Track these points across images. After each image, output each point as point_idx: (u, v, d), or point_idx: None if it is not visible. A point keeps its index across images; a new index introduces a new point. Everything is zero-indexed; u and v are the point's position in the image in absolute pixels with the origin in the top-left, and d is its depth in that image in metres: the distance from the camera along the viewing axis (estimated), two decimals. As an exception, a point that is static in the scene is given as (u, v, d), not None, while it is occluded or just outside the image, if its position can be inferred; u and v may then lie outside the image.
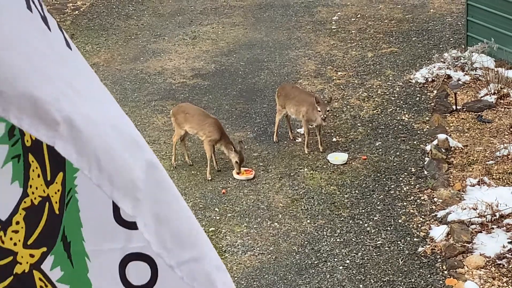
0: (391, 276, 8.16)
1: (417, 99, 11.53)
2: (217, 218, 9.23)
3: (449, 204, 9.01)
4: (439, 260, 8.32)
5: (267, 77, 12.45)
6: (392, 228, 8.88)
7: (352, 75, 12.35)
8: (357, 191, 9.55)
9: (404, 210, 9.16)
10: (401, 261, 8.36)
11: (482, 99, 11.16)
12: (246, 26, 14.49)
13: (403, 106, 11.36)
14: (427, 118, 10.98)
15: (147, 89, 12.26)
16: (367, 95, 11.72)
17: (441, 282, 8.01)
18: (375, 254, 8.49)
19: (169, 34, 14.27)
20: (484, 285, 7.87)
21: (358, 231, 8.87)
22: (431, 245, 8.51)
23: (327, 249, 8.61)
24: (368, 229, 8.89)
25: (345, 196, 9.49)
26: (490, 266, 8.12)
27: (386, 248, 8.57)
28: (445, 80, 11.72)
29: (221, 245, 8.74)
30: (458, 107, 11.03)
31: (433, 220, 8.93)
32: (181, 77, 12.62)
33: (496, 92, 11.15)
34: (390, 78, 12.18)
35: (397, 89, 11.83)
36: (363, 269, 8.28)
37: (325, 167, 10.08)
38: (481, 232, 8.55)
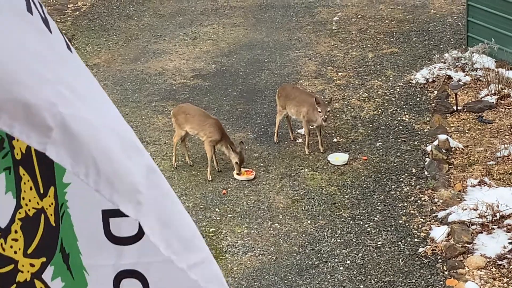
0: (391, 276, 8.15)
1: (418, 99, 11.52)
2: (218, 218, 9.22)
3: (450, 204, 9.01)
4: (440, 260, 8.32)
5: (268, 78, 12.45)
6: (392, 228, 8.88)
7: (352, 75, 12.34)
8: (357, 192, 9.55)
9: (404, 210, 9.16)
10: (402, 261, 8.36)
11: (482, 99, 11.15)
12: (246, 26, 14.49)
13: (404, 106, 11.36)
14: (428, 118, 10.98)
15: (148, 89, 12.26)
16: (368, 96, 11.71)
17: (441, 282, 8.01)
18: (375, 254, 8.49)
19: (169, 34, 14.27)
20: (484, 286, 7.87)
21: (358, 231, 8.87)
22: (431, 246, 8.51)
23: (328, 249, 8.61)
24: (368, 229, 8.89)
25: (346, 196, 9.48)
26: (490, 266, 8.12)
27: (386, 248, 8.57)
28: (446, 80, 11.72)
29: (221, 246, 8.74)
30: (458, 108, 11.02)
31: (433, 220, 8.92)
32: (182, 77, 12.62)
33: (496, 92, 11.15)
34: (390, 78, 12.18)
35: (398, 90, 11.83)
36: (363, 270, 8.27)
37: (325, 167, 10.08)
38: (481, 232, 8.55)
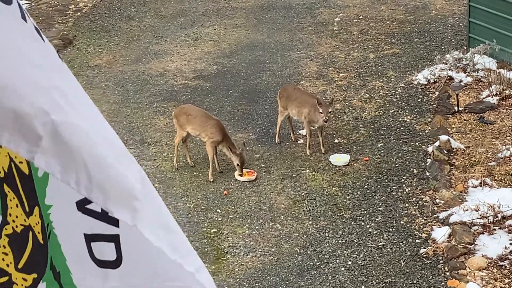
0: (393, 277, 8.15)
1: (419, 100, 11.52)
2: (219, 219, 9.22)
3: (451, 205, 9.01)
4: (441, 261, 8.31)
5: (269, 79, 12.45)
6: (394, 229, 8.88)
7: (354, 76, 12.34)
8: (359, 193, 9.55)
9: (406, 211, 9.16)
10: (403, 262, 8.36)
11: (484, 100, 11.15)
12: (248, 27, 14.49)
13: (405, 107, 11.36)
14: (429, 119, 10.97)
15: (149, 90, 12.26)
16: (369, 97, 11.71)
17: (443, 283, 8.00)
18: (377, 255, 8.49)
19: (171, 35, 14.28)
20: (486, 287, 7.87)
21: (360, 232, 8.86)
22: (433, 247, 8.51)
23: (329, 250, 8.61)
24: (370, 230, 8.89)
25: (347, 197, 9.48)
26: (492, 267, 8.11)
27: (388, 249, 8.57)
28: (447, 81, 11.71)
29: (223, 247, 8.74)
30: (460, 109, 11.02)
31: (435, 221, 8.92)
32: (183, 78, 12.62)
33: (498, 93, 11.15)
34: (392, 79, 12.17)
35: (399, 91, 11.83)
36: (365, 271, 8.27)
37: (327, 168, 10.08)
38: (483, 233, 8.55)
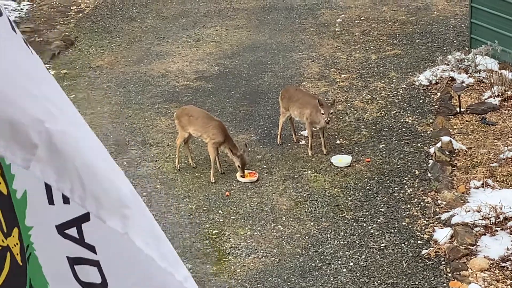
0: (395, 278, 8.15)
1: (421, 101, 11.52)
2: (221, 220, 9.22)
3: (453, 206, 9.00)
4: (443, 262, 8.31)
5: (271, 80, 12.45)
6: (396, 230, 8.87)
7: (355, 77, 12.34)
8: (360, 194, 9.55)
9: (408, 212, 9.15)
10: (405, 263, 8.35)
11: (486, 101, 11.14)
12: (249, 28, 14.49)
13: (407, 108, 11.35)
14: (431, 120, 10.97)
15: (151, 91, 12.27)
16: (371, 98, 11.71)
17: (445, 284, 8.00)
18: (378, 256, 8.48)
19: (172, 36, 14.28)
20: (488, 288, 7.86)
21: (361, 233, 8.86)
22: (435, 248, 8.50)
23: (331, 251, 8.60)
24: (371, 231, 8.88)
25: (349, 198, 9.48)
26: (494, 268, 8.11)
27: (390, 250, 8.56)
28: (449, 82, 11.71)
29: (224, 248, 8.73)
30: (462, 110, 11.01)
31: (437, 222, 8.91)
32: (185, 79, 12.62)
33: (500, 94, 11.14)
34: (393, 80, 12.17)
35: (401, 92, 11.83)
36: (366, 272, 8.27)
37: (328, 169, 10.08)
38: (485, 234, 8.54)
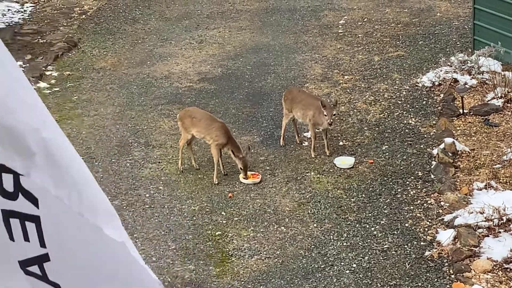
0: (397, 280, 8.14)
1: (424, 102, 11.51)
2: (224, 222, 9.22)
3: (456, 208, 9.00)
4: (446, 264, 8.30)
5: (274, 81, 12.45)
6: (399, 232, 8.87)
7: (358, 79, 12.34)
8: (363, 195, 9.54)
9: (411, 214, 9.15)
10: (408, 265, 8.34)
11: (489, 102, 11.14)
12: (252, 30, 14.50)
13: (410, 110, 11.35)
14: (434, 122, 10.97)
15: (154, 93, 12.27)
16: (374, 99, 11.71)
17: (448, 286, 7.99)
18: (381, 258, 8.48)
19: (175, 38, 14.29)
20: (491, 289, 7.85)
21: (364, 235, 8.85)
22: (438, 249, 8.49)
23: (334, 253, 8.60)
24: (374, 233, 8.88)
25: (352, 200, 9.47)
26: (497, 270, 8.10)
27: (392, 252, 8.56)
28: (452, 84, 11.71)
29: (227, 249, 8.74)
30: (465, 111, 11.01)
31: (440, 224, 8.91)
32: (188, 81, 12.63)
33: (503, 95, 11.14)
34: (396, 81, 12.17)
35: (404, 93, 11.82)
36: (369, 273, 8.26)
37: (331, 171, 10.07)
38: (488, 236, 8.53)
